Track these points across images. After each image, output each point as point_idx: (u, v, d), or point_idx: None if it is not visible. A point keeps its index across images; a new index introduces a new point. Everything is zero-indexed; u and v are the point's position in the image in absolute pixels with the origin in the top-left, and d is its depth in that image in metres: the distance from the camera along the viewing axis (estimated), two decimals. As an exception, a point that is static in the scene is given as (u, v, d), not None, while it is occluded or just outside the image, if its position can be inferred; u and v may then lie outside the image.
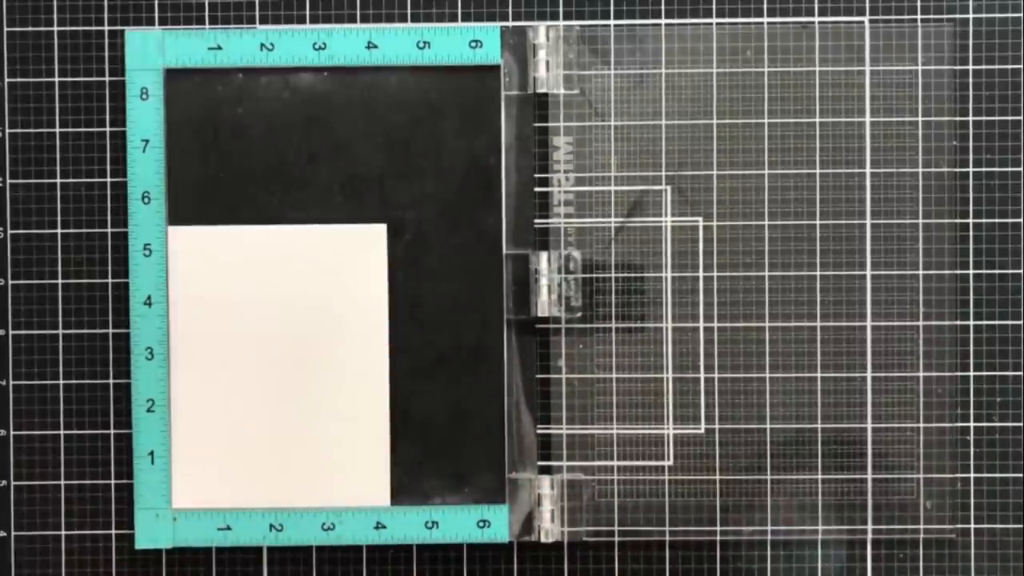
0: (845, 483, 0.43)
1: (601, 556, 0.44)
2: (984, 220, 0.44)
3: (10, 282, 0.44)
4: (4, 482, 0.44)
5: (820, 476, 0.43)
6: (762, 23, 0.44)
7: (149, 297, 0.43)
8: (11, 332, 0.44)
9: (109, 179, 0.44)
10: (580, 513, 0.43)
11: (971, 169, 0.44)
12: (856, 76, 0.43)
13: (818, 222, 0.43)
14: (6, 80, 0.44)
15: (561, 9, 0.44)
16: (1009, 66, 0.44)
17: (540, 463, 0.43)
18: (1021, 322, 0.44)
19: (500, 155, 0.43)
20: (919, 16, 0.44)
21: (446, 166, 0.43)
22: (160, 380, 0.43)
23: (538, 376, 0.43)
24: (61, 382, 0.44)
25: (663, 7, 0.44)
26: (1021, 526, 0.44)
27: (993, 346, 0.44)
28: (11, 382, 0.44)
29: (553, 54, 0.43)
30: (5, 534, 0.44)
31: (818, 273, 0.43)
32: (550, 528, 0.43)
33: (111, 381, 0.44)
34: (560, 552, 0.44)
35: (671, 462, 0.43)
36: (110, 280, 0.44)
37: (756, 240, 0.43)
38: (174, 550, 0.44)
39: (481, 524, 0.43)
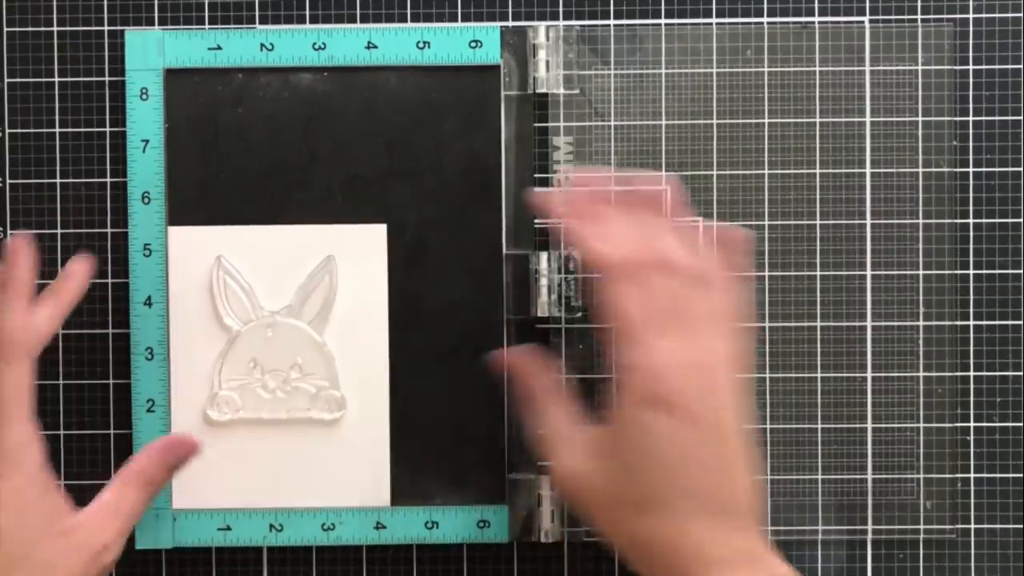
0: (845, 483, 0.43)
1: (601, 556, 0.44)
2: (984, 220, 0.44)
3: (10, 282, 0.44)
4: (4, 482, 0.44)
5: (820, 476, 0.43)
6: (762, 23, 0.44)
7: (149, 297, 0.43)
8: (11, 332, 0.44)
9: (109, 179, 0.44)
10: (580, 513, 0.43)
11: (971, 169, 0.44)
12: (856, 76, 0.43)
13: (818, 222, 0.43)
14: (6, 80, 0.44)
15: (561, 9, 0.44)
16: (1009, 66, 0.44)
17: (540, 463, 0.43)
18: (1021, 322, 0.44)
19: (500, 155, 0.43)
20: (919, 16, 0.44)
21: (446, 166, 0.43)
22: (160, 380, 0.43)
23: (538, 376, 0.43)
24: (61, 382, 0.44)
25: (663, 7, 0.44)
26: (1021, 526, 0.44)
27: (993, 346, 0.44)
28: (11, 382, 0.44)
29: (553, 54, 0.43)
30: (5, 534, 0.44)
31: (818, 273, 0.43)
32: (550, 528, 0.43)
33: (111, 381, 0.44)
34: (560, 552, 0.44)
35: (671, 462, 0.43)
36: (110, 280, 0.44)
37: (756, 240, 0.43)
38: (174, 550, 0.44)
39: (481, 524, 0.43)
